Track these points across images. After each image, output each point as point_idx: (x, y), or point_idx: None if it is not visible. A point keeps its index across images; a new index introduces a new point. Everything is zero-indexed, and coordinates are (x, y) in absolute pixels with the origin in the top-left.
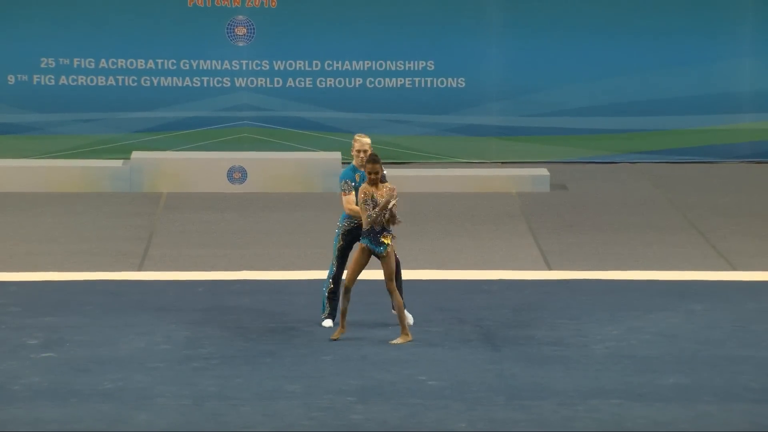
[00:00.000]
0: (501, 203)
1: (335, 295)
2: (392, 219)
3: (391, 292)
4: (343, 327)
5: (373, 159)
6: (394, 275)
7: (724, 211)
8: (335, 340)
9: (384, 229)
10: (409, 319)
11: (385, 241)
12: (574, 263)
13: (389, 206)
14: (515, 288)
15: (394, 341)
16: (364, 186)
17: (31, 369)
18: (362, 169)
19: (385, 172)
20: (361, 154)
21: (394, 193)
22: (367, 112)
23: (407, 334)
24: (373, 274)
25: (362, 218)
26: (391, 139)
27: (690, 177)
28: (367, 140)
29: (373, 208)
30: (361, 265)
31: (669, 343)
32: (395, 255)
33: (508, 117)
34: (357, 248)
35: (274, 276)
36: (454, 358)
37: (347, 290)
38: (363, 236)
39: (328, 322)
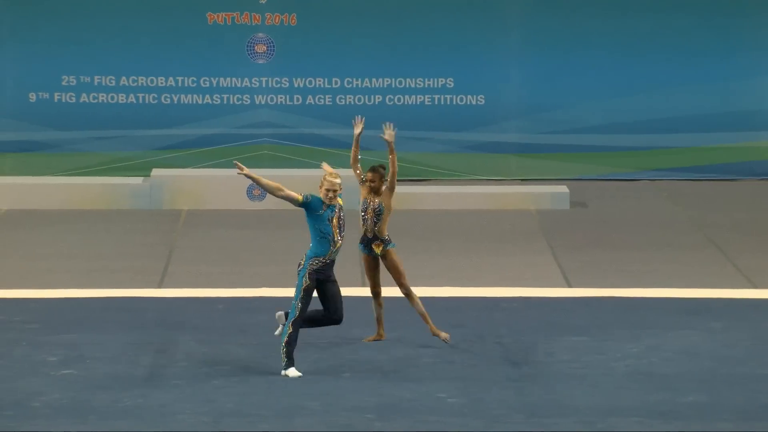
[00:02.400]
0: (520, 220)
1: (294, 342)
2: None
3: (406, 295)
4: (380, 334)
5: (373, 169)
6: (401, 278)
7: (744, 229)
8: (368, 342)
9: (376, 237)
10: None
11: (376, 250)
12: (594, 281)
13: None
14: (535, 305)
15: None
16: (364, 192)
17: (50, 386)
18: (330, 202)
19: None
20: (330, 194)
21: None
22: None
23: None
24: (390, 291)
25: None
26: (411, 157)
27: (710, 194)
28: (338, 181)
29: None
30: (373, 269)
31: (688, 361)
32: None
33: (527, 134)
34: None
35: (294, 293)
36: (473, 376)
37: (377, 295)
38: (360, 242)
39: (293, 371)
